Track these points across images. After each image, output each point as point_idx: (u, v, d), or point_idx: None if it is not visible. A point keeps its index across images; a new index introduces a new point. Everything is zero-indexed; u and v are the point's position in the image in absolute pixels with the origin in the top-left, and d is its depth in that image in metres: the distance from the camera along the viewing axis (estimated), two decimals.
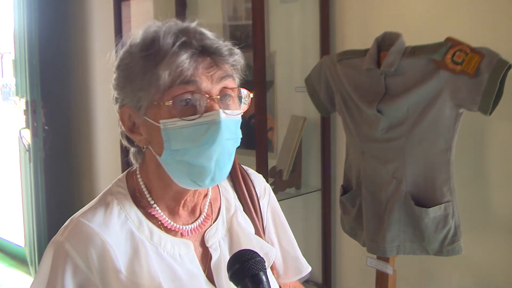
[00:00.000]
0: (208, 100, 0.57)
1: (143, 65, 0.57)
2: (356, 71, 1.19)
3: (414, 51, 1.11)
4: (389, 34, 1.16)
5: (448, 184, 1.11)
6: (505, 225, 1.27)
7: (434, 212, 1.10)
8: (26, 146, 2.42)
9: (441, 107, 1.08)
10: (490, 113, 1.04)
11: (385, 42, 1.15)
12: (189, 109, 0.57)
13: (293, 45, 1.69)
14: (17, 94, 2.53)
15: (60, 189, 2.61)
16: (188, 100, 0.57)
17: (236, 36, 1.76)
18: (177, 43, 0.57)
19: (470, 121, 1.17)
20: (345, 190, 1.29)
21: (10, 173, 4.81)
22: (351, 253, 1.59)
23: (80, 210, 0.63)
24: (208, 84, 0.57)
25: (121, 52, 0.61)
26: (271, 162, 1.50)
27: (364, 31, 1.47)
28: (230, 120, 0.58)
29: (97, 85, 2.45)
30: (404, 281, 1.33)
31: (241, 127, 0.61)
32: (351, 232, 1.29)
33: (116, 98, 0.62)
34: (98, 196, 0.65)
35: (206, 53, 0.58)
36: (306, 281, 1.67)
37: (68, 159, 2.67)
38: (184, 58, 0.56)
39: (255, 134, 1.36)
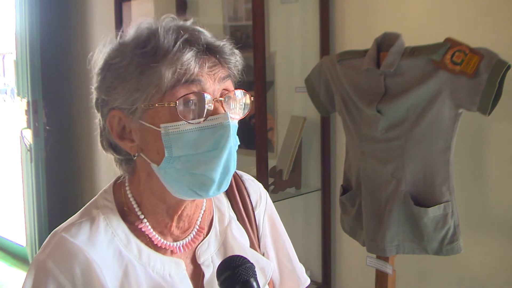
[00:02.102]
0: (213, 102, 0.53)
1: (140, 63, 0.52)
2: (356, 72, 1.19)
3: (414, 52, 1.11)
4: (389, 34, 1.16)
5: (447, 184, 1.11)
6: (504, 225, 1.27)
7: (433, 212, 1.10)
8: (28, 146, 2.42)
9: (440, 107, 1.08)
10: (489, 113, 1.05)
11: (385, 43, 1.16)
12: (192, 112, 0.52)
13: (293, 46, 1.69)
14: (18, 94, 2.54)
15: (61, 189, 2.62)
16: (191, 101, 0.52)
17: (237, 36, 1.76)
18: (180, 40, 0.52)
19: (469, 121, 1.18)
20: (345, 190, 1.29)
21: (11, 173, 4.82)
22: (350, 252, 1.59)
23: (62, 224, 0.58)
24: (211, 84, 0.53)
25: (106, 52, 0.55)
26: (271, 162, 1.51)
27: (363, 31, 1.47)
28: (233, 125, 0.54)
29: None
30: (404, 281, 1.34)
31: (241, 127, 0.57)
32: (351, 232, 1.29)
33: (103, 100, 0.56)
34: (82, 209, 0.60)
35: (211, 52, 0.54)
36: None
37: (69, 159, 2.68)
38: (190, 56, 0.52)
39: (255, 134, 1.37)
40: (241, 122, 0.59)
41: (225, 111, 0.53)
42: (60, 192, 2.59)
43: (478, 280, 1.32)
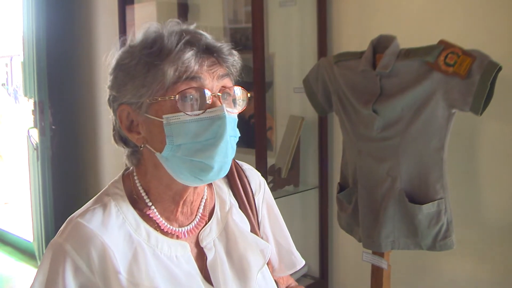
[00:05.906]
0: (211, 97, 0.58)
1: (146, 62, 0.57)
2: (353, 73, 1.21)
3: (408, 53, 1.13)
4: (384, 36, 1.18)
5: (441, 182, 1.13)
6: (495, 221, 1.30)
7: (427, 209, 1.12)
8: (34, 145, 2.47)
9: (434, 107, 1.10)
10: (481, 113, 1.06)
11: (380, 45, 1.18)
12: (192, 105, 0.57)
13: (291, 47, 1.71)
14: (25, 95, 2.59)
15: (67, 186, 2.66)
16: (191, 95, 0.57)
17: (236, 38, 1.79)
18: (182, 41, 0.57)
19: (462, 121, 1.20)
20: (342, 187, 1.31)
21: (19, 171, 4.88)
22: (347, 248, 1.62)
23: (77, 211, 0.62)
24: (210, 81, 0.58)
25: (118, 54, 0.61)
26: (270, 161, 1.53)
27: (360, 33, 1.49)
28: (231, 117, 0.59)
29: (102, 85, 2.49)
30: (398, 275, 1.36)
31: (241, 127, 0.62)
32: (348, 228, 1.32)
33: (114, 96, 0.61)
34: (94, 197, 0.64)
35: (210, 52, 0.59)
36: (304, 275, 1.71)
37: (75, 157, 2.72)
38: (190, 55, 0.57)
39: (255, 133, 1.39)
40: (240, 121, 0.63)
41: (221, 104, 0.58)
42: (66, 189, 2.63)
43: (471, 275, 1.35)
